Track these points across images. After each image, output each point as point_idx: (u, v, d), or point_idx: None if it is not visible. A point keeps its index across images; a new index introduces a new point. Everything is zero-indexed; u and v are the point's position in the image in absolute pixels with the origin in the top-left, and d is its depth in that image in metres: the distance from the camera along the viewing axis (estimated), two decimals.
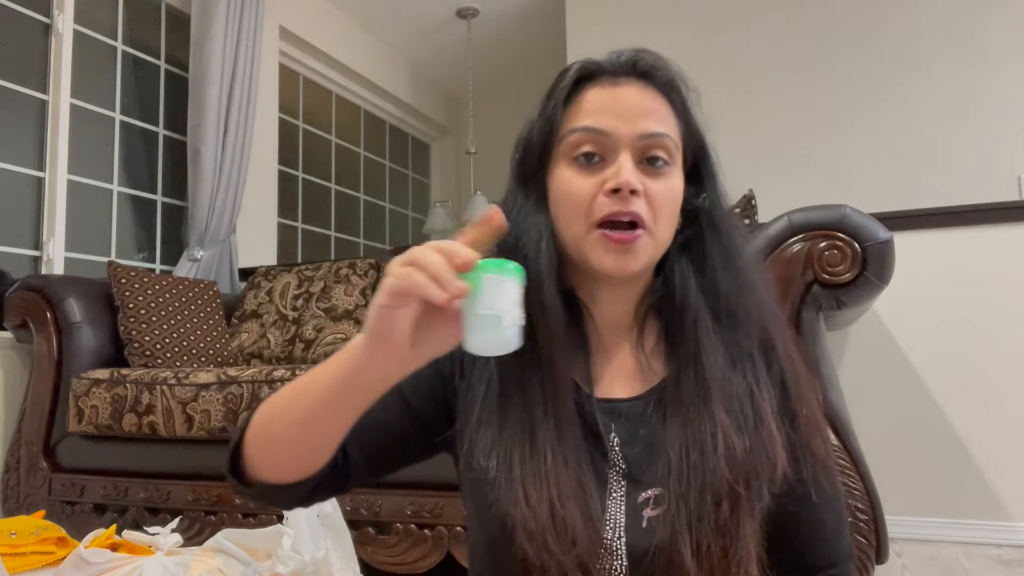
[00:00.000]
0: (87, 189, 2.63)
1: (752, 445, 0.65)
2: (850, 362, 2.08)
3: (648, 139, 0.67)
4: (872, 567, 1.30)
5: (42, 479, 1.99)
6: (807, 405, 0.70)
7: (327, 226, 4.04)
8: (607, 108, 0.68)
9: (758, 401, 0.67)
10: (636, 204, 0.65)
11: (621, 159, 0.66)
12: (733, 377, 0.68)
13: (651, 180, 0.67)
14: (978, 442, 1.96)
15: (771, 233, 1.42)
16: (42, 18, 2.52)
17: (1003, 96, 2.79)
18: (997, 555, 1.84)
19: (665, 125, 0.68)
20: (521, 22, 4.09)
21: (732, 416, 0.66)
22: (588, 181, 0.67)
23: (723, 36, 3.22)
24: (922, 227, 2.03)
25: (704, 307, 0.69)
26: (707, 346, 0.68)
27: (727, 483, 0.63)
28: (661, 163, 0.67)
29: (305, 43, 3.66)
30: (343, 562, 1.21)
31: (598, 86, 0.70)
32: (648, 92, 0.69)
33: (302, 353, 2.34)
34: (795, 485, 0.68)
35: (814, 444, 0.69)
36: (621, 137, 0.67)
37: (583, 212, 0.67)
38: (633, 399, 0.70)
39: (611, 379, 0.72)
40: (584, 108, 0.69)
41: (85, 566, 1.07)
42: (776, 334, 0.71)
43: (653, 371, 0.71)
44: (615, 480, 0.68)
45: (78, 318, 2.09)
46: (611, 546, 0.65)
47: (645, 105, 0.68)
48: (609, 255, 0.66)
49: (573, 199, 0.67)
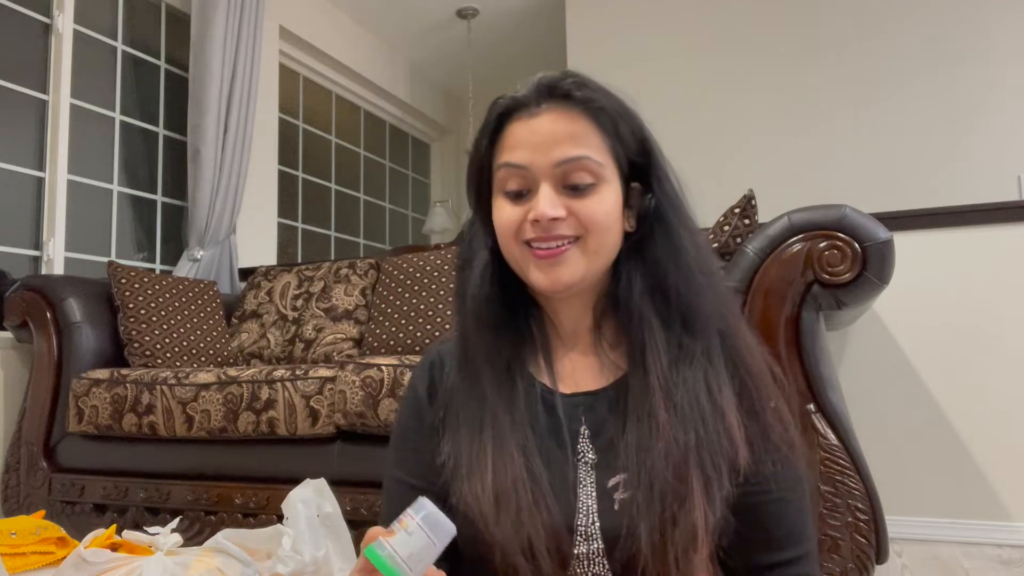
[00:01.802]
0: (87, 189, 2.63)
1: (706, 439, 0.67)
2: (850, 362, 2.08)
3: (565, 164, 0.70)
4: (872, 567, 1.30)
5: (42, 479, 1.99)
6: (769, 395, 0.72)
7: (327, 226, 4.04)
8: (525, 141, 0.72)
9: (715, 395, 0.69)
10: (560, 228, 0.70)
11: (541, 191, 0.70)
12: (684, 374, 0.70)
13: (576, 202, 0.70)
14: (978, 442, 1.96)
15: (771, 233, 1.42)
16: (42, 18, 2.52)
17: (1003, 96, 2.80)
18: (997, 555, 1.84)
19: (584, 147, 0.70)
20: (521, 22, 4.09)
21: (679, 414, 0.68)
22: (516, 211, 0.72)
23: (723, 36, 3.22)
24: (922, 227, 2.03)
25: (650, 307, 0.73)
26: (651, 347, 0.71)
27: (667, 480, 0.66)
28: (584, 186, 0.70)
29: (305, 43, 3.66)
30: (343, 562, 1.21)
31: (518, 120, 0.73)
32: (566, 115, 0.71)
33: (302, 353, 2.34)
34: (757, 473, 0.70)
35: (775, 434, 0.71)
36: (539, 168, 0.71)
37: (513, 235, 0.73)
38: (599, 391, 0.75)
39: (577, 375, 0.77)
40: (506, 144, 0.74)
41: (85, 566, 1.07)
42: (733, 328, 0.74)
43: (616, 365, 0.75)
44: (584, 469, 0.72)
45: (78, 318, 2.09)
46: (586, 531, 0.69)
47: (562, 131, 0.71)
48: (539, 271, 0.72)
49: (504, 228, 0.73)
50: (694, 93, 3.22)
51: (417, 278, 2.23)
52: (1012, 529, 1.91)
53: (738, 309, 0.76)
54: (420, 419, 0.80)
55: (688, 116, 3.18)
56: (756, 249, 1.42)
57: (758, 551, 0.72)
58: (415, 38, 4.29)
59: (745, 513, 0.70)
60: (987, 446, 1.95)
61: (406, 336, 2.16)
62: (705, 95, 3.21)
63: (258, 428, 1.76)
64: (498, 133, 0.75)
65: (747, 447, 0.68)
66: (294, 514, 1.20)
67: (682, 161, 0.78)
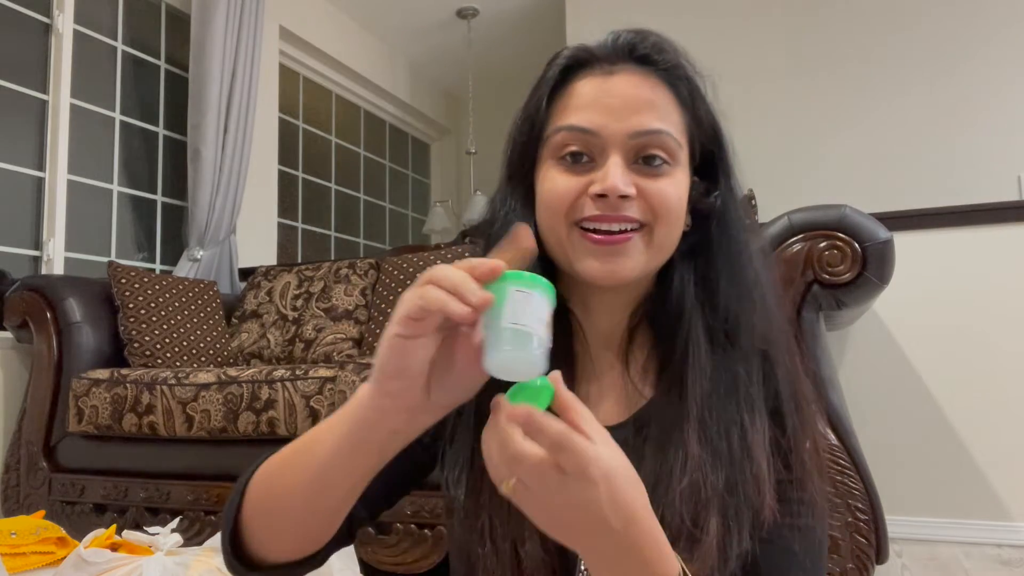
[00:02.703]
0: (87, 189, 2.63)
1: (733, 482, 0.57)
2: (850, 362, 2.08)
3: (643, 137, 0.60)
4: (872, 567, 1.30)
5: (42, 479, 1.99)
6: (808, 436, 0.62)
7: (327, 226, 4.04)
8: (597, 103, 0.61)
9: (748, 434, 0.59)
10: (628, 209, 0.59)
11: (611, 161, 0.59)
12: (721, 405, 0.60)
13: (648, 181, 0.60)
14: (978, 442, 1.96)
15: (771, 233, 1.42)
16: (42, 18, 2.52)
17: (1003, 96, 2.80)
18: (997, 555, 1.83)
19: (664, 120, 0.61)
20: (521, 22, 4.09)
21: (710, 448, 0.58)
22: (574, 181, 0.60)
23: (723, 37, 3.22)
24: (922, 227, 2.03)
25: (700, 321, 0.62)
26: (695, 367, 0.61)
27: (683, 522, 0.55)
28: (659, 162, 0.60)
29: (305, 43, 3.66)
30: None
31: (589, 76, 0.63)
32: (647, 81, 0.62)
33: (302, 353, 2.34)
34: (779, 526, 0.59)
35: (808, 485, 0.61)
36: (611, 136, 0.60)
37: (564, 212, 0.60)
38: (617, 426, 0.63)
39: (598, 402, 0.65)
40: (572, 103, 0.62)
41: (85, 566, 1.07)
42: (780, 353, 0.64)
43: (640, 393, 0.65)
44: None
45: (78, 318, 2.09)
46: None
47: (641, 97, 0.61)
48: (595, 260, 0.59)
49: (555, 199, 0.61)
50: None
51: (417, 278, 2.24)
52: (1012, 529, 1.91)
53: (790, 334, 0.66)
54: None
55: None
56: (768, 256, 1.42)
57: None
58: (415, 38, 4.29)
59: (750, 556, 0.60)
60: (987, 446, 1.95)
61: None
62: None
63: (258, 428, 1.76)
64: (559, 90, 0.64)
65: (772, 496, 0.58)
66: None
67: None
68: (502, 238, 0.53)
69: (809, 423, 0.63)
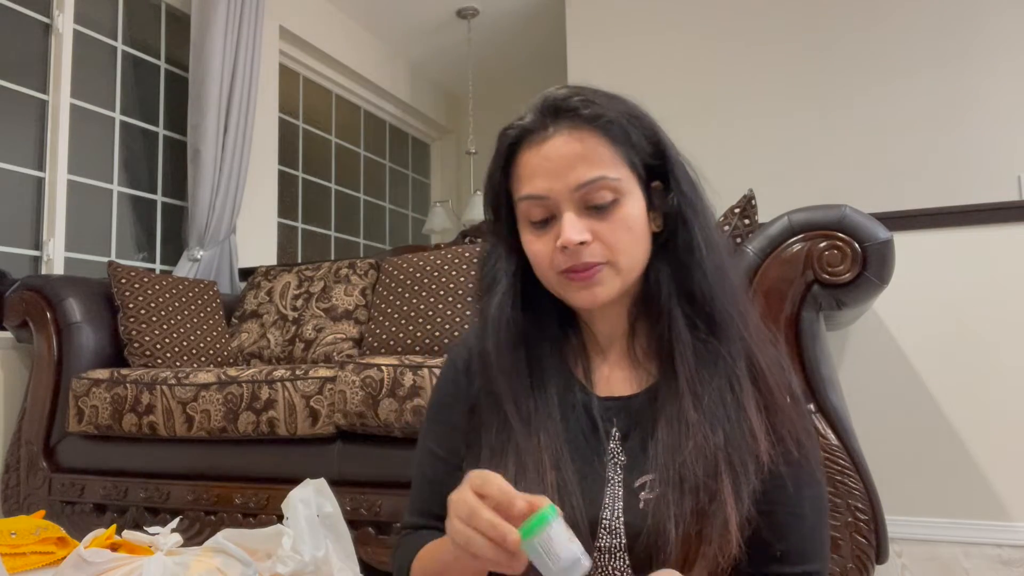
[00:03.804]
0: (87, 189, 2.63)
1: (732, 437, 0.69)
2: (850, 362, 2.08)
3: (584, 188, 0.70)
4: (872, 567, 1.30)
5: (42, 479, 1.99)
6: (786, 393, 0.73)
7: (327, 226, 4.04)
8: (539, 169, 0.72)
9: (738, 394, 0.71)
10: (587, 254, 0.71)
11: (564, 218, 0.71)
12: (710, 375, 0.72)
13: (600, 223, 0.71)
14: (978, 442, 1.96)
15: (771, 233, 1.42)
16: (42, 18, 2.52)
17: (1002, 96, 2.79)
18: (997, 555, 1.83)
19: (600, 166, 0.70)
20: (521, 22, 4.09)
21: (706, 413, 0.70)
22: (544, 240, 0.73)
23: (723, 37, 3.22)
24: (922, 227, 2.03)
25: (678, 308, 0.74)
26: (679, 349, 0.73)
27: (699, 477, 0.68)
28: (606, 205, 0.71)
29: (305, 43, 3.66)
30: (343, 562, 1.21)
31: (529, 148, 0.73)
32: (575, 135, 0.71)
33: (302, 353, 2.34)
34: (776, 472, 0.70)
35: (791, 429, 0.72)
36: (559, 194, 0.71)
37: (548, 267, 0.74)
38: (630, 397, 0.77)
39: (611, 380, 0.79)
40: (522, 174, 0.74)
41: (85, 566, 1.07)
42: (748, 322, 0.74)
43: (648, 372, 0.77)
44: (613, 468, 0.74)
45: (78, 318, 2.09)
46: (610, 525, 0.72)
47: (574, 153, 0.70)
48: (578, 293, 0.73)
49: (538, 261, 0.75)
50: (694, 93, 3.21)
51: (417, 278, 2.23)
52: (1012, 529, 1.91)
53: (752, 306, 0.77)
54: (456, 393, 0.83)
55: (688, 116, 3.17)
56: (756, 249, 1.42)
57: (767, 562, 0.71)
58: (415, 38, 4.29)
59: (760, 521, 0.70)
60: (987, 446, 1.95)
61: (406, 336, 2.15)
62: (705, 95, 3.21)
63: (258, 428, 1.76)
64: (510, 163, 0.75)
65: (768, 442, 0.70)
66: (294, 514, 1.20)
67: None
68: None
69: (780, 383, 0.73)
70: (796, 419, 0.73)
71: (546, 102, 0.73)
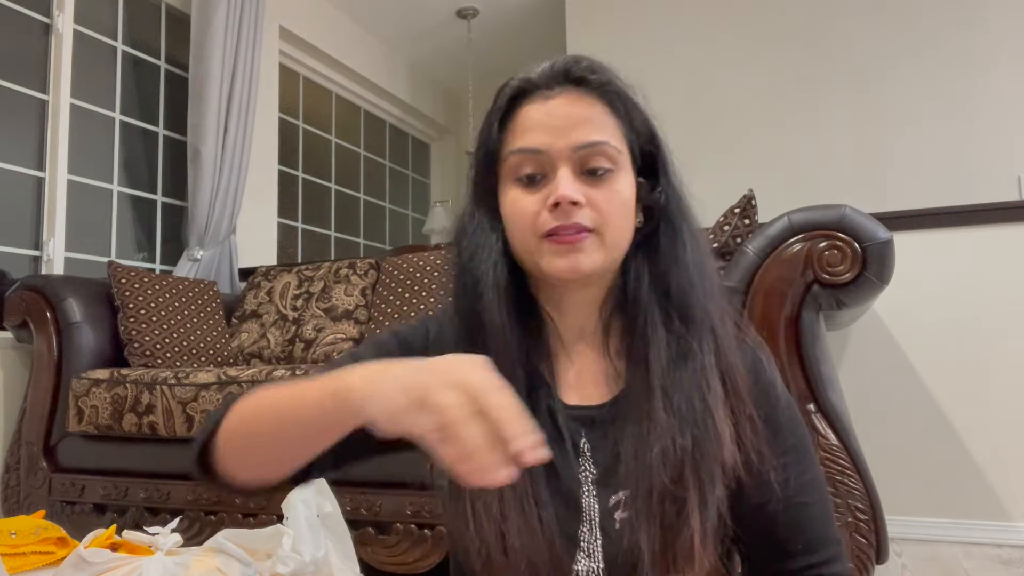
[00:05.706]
0: (87, 189, 2.63)
1: (699, 440, 0.66)
2: (850, 362, 2.08)
3: (585, 149, 0.68)
4: (872, 567, 1.30)
5: (42, 479, 1.99)
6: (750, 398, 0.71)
7: (327, 226, 4.04)
8: (541, 124, 0.69)
9: (706, 396, 0.68)
10: (579, 215, 0.67)
11: (560, 174, 0.67)
12: (680, 374, 0.68)
13: (594, 189, 0.68)
14: (978, 442, 1.96)
15: (771, 233, 1.42)
16: (42, 18, 2.52)
17: (1002, 96, 2.80)
18: (997, 555, 1.84)
19: (602, 132, 0.68)
20: (521, 22, 4.09)
21: (676, 415, 0.67)
22: (532, 199, 0.69)
23: (722, 36, 3.22)
24: (922, 227, 2.03)
25: (654, 303, 0.71)
26: (653, 344, 0.69)
27: (664, 483, 0.64)
28: (603, 171, 0.68)
29: (305, 43, 3.66)
30: (343, 562, 1.21)
31: (532, 102, 0.71)
32: (583, 99, 0.69)
33: (302, 353, 2.34)
34: (769, 480, 0.68)
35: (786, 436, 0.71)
36: (557, 152, 0.68)
37: (530, 227, 0.69)
38: (601, 406, 0.72)
39: (579, 385, 0.74)
40: (520, 127, 0.70)
41: (85, 566, 1.07)
42: (723, 321, 0.72)
43: (619, 375, 0.73)
44: (587, 486, 0.70)
45: (78, 318, 2.09)
46: (589, 548, 0.68)
47: (579, 115, 0.68)
48: (559, 258, 0.68)
49: (520, 217, 0.69)
50: (694, 93, 3.22)
51: (417, 278, 2.23)
52: (1012, 529, 1.91)
53: (729, 307, 0.74)
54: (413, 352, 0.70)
55: (688, 117, 3.17)
56: (756, 249, 1.42)
57: (787, 558, 0.71)
58: (415, 38, 4.29)
59: (769, 523, 0.70)
60: (987, 446, 1.95)
61: None
62: (705, 96, 3.21)
63: None
64: (509, 117, 0.72)
65: (735, 447, 0.67)
66: (294, 514, 1.20)
67: (682, 162, 0.78)
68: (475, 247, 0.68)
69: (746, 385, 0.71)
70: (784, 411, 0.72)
71: (555, 65, 0.72)
